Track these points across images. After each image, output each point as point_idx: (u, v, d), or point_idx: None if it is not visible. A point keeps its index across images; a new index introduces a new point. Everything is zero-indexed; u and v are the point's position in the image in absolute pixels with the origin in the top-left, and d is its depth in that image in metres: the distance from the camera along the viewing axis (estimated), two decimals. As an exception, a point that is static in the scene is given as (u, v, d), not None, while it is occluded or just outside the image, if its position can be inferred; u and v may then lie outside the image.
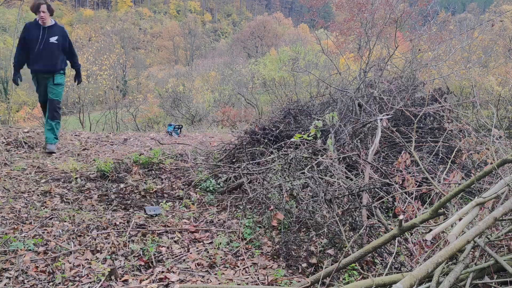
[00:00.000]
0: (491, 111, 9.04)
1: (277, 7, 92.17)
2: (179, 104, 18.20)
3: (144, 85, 43.84)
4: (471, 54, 18.31)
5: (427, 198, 3.94)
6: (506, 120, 8.58)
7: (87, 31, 50.94)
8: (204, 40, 72.60)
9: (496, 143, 3.74)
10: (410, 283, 1.98)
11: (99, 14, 75.15)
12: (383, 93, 6.20)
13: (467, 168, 4.88)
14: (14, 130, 6.97)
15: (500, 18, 20.13)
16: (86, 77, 26.62)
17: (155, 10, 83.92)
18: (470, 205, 2.50)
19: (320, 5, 15.41)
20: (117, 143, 7.31)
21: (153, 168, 5.79)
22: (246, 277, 3.03)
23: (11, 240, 3.27)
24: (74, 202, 4.37)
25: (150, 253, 3.26)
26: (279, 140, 5.43)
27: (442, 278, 2.33)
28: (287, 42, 40.83)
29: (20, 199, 4.21)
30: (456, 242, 2.19)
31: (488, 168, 2.64)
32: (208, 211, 4.37)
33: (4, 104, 26.87)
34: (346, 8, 13.40)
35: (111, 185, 4.93)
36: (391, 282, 2.28)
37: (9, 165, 5.29)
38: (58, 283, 2.81)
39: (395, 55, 11.56)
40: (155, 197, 4.77)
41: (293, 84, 15.58)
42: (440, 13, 17.80)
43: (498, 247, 2.79)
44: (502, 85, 15.57)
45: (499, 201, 2.84)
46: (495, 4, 45.25)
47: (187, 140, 7.98)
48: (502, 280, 2.41)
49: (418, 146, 5.20)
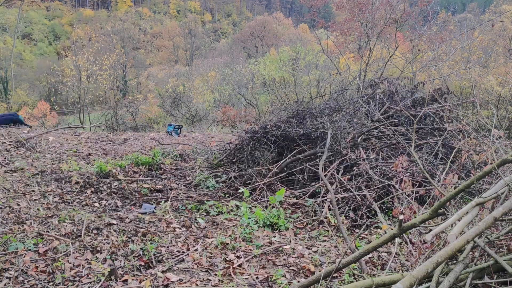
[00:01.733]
0: (491, 111, 9.03)
1: (277, 7, 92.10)
2: (179, 104, 18.19)
3: (144, 85, 43.83)
4: (471, 54, 18.30)
5: (427, 198, 3.94)
6: (506, 120, 8.58)
7: (87, 31, 50.88)
8: (204, 40, 72.56)
9: (496, 143, 3.74)
10: (410, 283, 1.98)
11: (99, 14, 75.10)
12: (383, 94, 6.21)
13: (467, 168, 4.88)
14: (14, 130, 6.97)
15: (500, 18, 20.13)
16: (86, 77, 26.61)
17: (155, 10, 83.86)
18: (470, 205, 2.50)
19: (320, 5, 15.38)
20: (117, 143, 7.31)
21: (153, 168, 5.80)
22: (246, 277, 3.04)
23: (11, 240, 3.27)
24: (74, 202, 4.37)
25: (150, 253, 3.26)
26: (279, 141, 5.43)
27: (441, 278, 2.33)
28: (287, 42, 40.80)
29: (20, 199, 4.21)
30: (455, 242, 2.19)
31: (488, 168, 2.64)
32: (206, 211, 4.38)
33: (4, 104, 26.88)
34: (347, 8, 13.39)
35: (111, 185, 4.93)
36: (391, 282, 2.28)
37: (9, 165, 5.29)
38: (58, 283, 2.81)
39: (395, 55, 11.58)
40: (155, 197, 4.77)
41: (293, 84, 15.58)
42: (440, 13, 17.80)
43: (498, 247, 2.79)
44: (502, 85, 15.57)
45: (499, 201, 2.84)
46: (495, 4, 45.25)
47: (187, 140, 7.99)
48: (502, 280, 2.41)
49: (418, 146, 5.20)
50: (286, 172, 5.17)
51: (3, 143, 6.15)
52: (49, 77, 36.98)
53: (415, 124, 3.68)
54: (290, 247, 3.53)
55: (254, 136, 5.50)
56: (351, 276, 3.06)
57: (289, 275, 3.08)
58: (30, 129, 8.14)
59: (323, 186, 4.60)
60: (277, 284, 2.94)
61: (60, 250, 3.23)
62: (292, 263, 3.28)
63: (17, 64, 46.70)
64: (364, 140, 5.48)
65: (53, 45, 65.17)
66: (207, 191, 5.08)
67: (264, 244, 3.61)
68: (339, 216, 3.78)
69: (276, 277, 3.01)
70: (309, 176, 5.01)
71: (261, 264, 3.25)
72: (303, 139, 5.43)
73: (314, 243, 3.71)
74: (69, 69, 31.45)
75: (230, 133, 8.31)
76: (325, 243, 3.72)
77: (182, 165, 6.04)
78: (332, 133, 5.20)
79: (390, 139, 5.31)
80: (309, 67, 21.18)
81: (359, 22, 12.65)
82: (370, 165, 4.65)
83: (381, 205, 4.28)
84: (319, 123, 5.43)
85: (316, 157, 5.14)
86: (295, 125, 5.48)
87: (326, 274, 2.37)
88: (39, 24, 66.39)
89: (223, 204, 4.51)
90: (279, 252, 3.46)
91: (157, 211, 4.28)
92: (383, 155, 5.01)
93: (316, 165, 4.88)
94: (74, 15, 74.21)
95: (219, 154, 6.09)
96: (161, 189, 5.09)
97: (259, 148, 5.41)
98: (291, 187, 5.04)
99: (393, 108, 5.84)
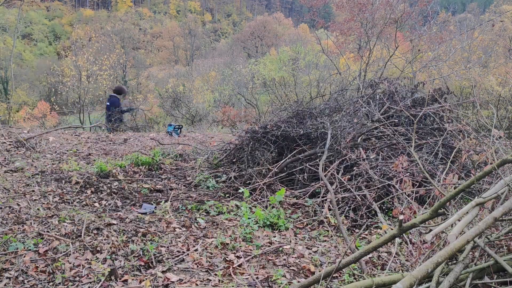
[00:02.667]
0: (491, 111, 9.03)
1: (277, 7, 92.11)
2: (179, 104, 18.18)
3: (144, 85, 43.85)
4: (471, 54, 18.30)
5: (427, 198, 3.94)
6: (506, 120, 8.57)
7: (87, 31, 50.90)
8: (204, 40, 72.56)
9: (496, 143, 3.74)
10: (410, 283, 1.98)
11: (99, 14, 75.11)
12: (383, 94, 6.21)
13: (467, 168, 4.88)
14: (14, 130, 6.98)
15: (500, 18, 20.12)
16: (86, 77, 26.62)
17: (155, 10, 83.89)
18: (470, 205, 2.50)
19: (320, 5, 15.37)
20: (117, 143, 7.31)
21: (153, 168, 5.80)
22: (246, 277, 3.04)
23: (11, 240, 3.27)
24: (74, 202, 4.37)
25: (150, 253, 3.26)
26: (279, 141, 5.43)
27: (442, 278, 2.33)
28: (287, 42, 40.81)
29: (20, 199, 4.21)
30: (455, 242, 2.20)
31: (488, 168, 2.64)
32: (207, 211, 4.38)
33: (4, 104, 26.88)
34: (346, 8, 13.39)
35: (111, 185, 4.93)
36: (391, 282, 2.28)
37: (9, 165, 5.29)
38: (58, 283, 2.81)
39: (395, 55, 11.58)
40: (155, 197, 4.77)
41: (293, 84, 15.57)
42: (440, 13, 17.80)
43: (498, 247, 2.79)
44: (502, 85, 15.58)
45: (499, 201, 2.84)
46: (495, 4, 45.26)
47: (187, 140, 7.99)
48: (502, 280, 2.41)
49: (418, 146, 5.20)
50: (286, 172, 5.17)
51: (3, 143, 6.15)
52: (49, 77, 37.01)
53: (415, 124, 3.68)
54: (290, 247, 3.53)
55: (254, 136, 5.49)
56: (351, 276, 3.06)
57: (289, 275, 3.08)
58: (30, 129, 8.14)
59: (323, 186, 4.60)
60: (277, 284, 2.94)
61: (60, 250, 3.23)
62: (292, 263, 3.28)
63: (17, 64, 46.73)
64: (364, 140, 5.48)
65: (53, 45, 65.22)
66: (207, 191, 5.08)
67: (264, 244, 3.61)
68: (339, 216, 3.78)
69: (276, 277, 3.01)
70: (309, 176, 5.01)
71: (261, 264, 3.26)
72: (303, 139, 5.43)
73: (314, 243, 3.71)
74: (69, 69, 31.47)
75: (230, 133, 8.31)
76: (325, 243, 3.72)
77: (182, 165, 6.04)
78: (332, 133, 5.20)
79: (390, 139, 5.31)
80: (309, 67, 21.20)
81: (359, 22, 12.65)
82: (370, 165, 4.66)
83: (381, 205, 4.28)
84: (319, 123, 5.43)
85: (316, 157, 5.14)
86: (295, 125, 5.47)
87: (326, 274, 2.37)
88: (39, 24, 66.42)
89: (223, 204, 4.51)
90: (279, 252, 3.47)
91: (157, 211, 4.28)
92: (383, 155, 5.01)
93: (316, 165, 4.88)
94: (74, 15, 74.25)
95: (219, 154, 6.09)
96: (161, 189, 5.09)
97: (259, 148, 5.41)
98: (291, 187, 5.04)
99: (393, 108, 5.84)
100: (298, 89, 14.87)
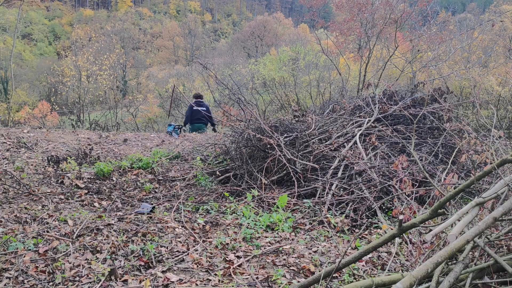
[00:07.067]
0: (491, 111, 9.03)
1: (277, 7, 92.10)
2: (179, 104, 18.18)
3: (144, 85, 43.87)
4: (471, 54, 18.30)
5: (427, 198, 3.94)
6: (506, 120, 8.58)
7: (87, 31, 50.94)
8: (204, 40, 72.57)
9: (496, 143, 3.74)
10: (410, 283, 1.98)
11: (99, 14, 75.10)
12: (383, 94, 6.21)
13: (467, 168, 4.88)
14: (14, 130, 6.98)
15: (500, 18, 20.12)
16: (86, 77, 26.63)
17: (155, 10, 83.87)
18: (470, 205, 2.50)
19: (320, 5, 15.38)
20: (117, 143, 7.31)
21: (153, 168, 5.80)
22: (246, 277, 3.04)
23: (11, 240, 3.27)
24: (74, 202, 4.37)
25: (150, 253, 3.26)
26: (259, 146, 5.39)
27: (441, 278, 2.33)
28: (287, 42, 40.78)
29: (20, 199, 4.21)
30: (455, 242, 2.20)
31: (488, 168, 2.64)
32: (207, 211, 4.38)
33: (4, 104, 26.89)
34: (346, 8, 13.40)
35: (111, 185, 4.93)
36: (391, 282, 2.28)
37: (9, 165, 5.29)
38: (58, 283, 2.81)
39: (395, 55, 11.58)
40: (155, 197, 4.77)
41: (293, 84, 15.57)
42: (440, 13, 17.81)
43: (498, 247, 2.79)
44: (502, 85, 15.57)
45: (499, 201, 2.84)
46: (495, 4, 45.21)
47: (187, 140, 7.99)
48: (502, 280, 2.41)
49: (418, 146, 5.20)
50: (278, 176, 5.17)
51: (3, 143, 6.15)
52: (49, 77, 37.01)
53: (415, 124, 3.68)
54: (290, 247, 3.53)
55: (237, 140, 5.50)
56: (351, 276, 3.06)
57: (289, 275, 3.08)
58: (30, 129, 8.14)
59: (323, 186, 4.60)
60: (277, 284, 2.94)
61: (60, 250, 3.23)
62: (292, 263, 3.28)
63: (17, 64, 46.72)
64: (364, 140, 5.48)
65: (53, 45, 65.21)
66: (207, 191, 5.08)
67: (264, 244, 3.61)
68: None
69: (276, 277, 3.01)
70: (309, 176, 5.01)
71: (261, 264, 3.26)
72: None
73: (314, 243, 3.71)
74: (69, 69, 31.48)
75: (230, 133, 8.31)
76: (325, 243, 3.72)
77: (182, 165, 6.04)
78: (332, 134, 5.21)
79: (390, 139, 5.31)
80: (309, 67, 21.17)
81: (359, 22, 12.66)
82: (370, 165, 4.66)
83: (381, 205, 4.28)
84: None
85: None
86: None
87: (326, 274, 2.37)
88: (39, 24, 66.42)
89: (223, 204, 4.51)
90: (279, 252, 3.46)
91: (157, 211, 4.28)
92: (383, 155, 5.01)
93: (316, 165, 4.88)
94: (74, 15, 74.26)
95: (219, 154, 6.09)
96: (161, 189, 5.09)
97: (246, 150, 5.40)
98: (291, 187, 5.04)
99: (393, 108, 5.84)
100: (298, 89, 14.86)
